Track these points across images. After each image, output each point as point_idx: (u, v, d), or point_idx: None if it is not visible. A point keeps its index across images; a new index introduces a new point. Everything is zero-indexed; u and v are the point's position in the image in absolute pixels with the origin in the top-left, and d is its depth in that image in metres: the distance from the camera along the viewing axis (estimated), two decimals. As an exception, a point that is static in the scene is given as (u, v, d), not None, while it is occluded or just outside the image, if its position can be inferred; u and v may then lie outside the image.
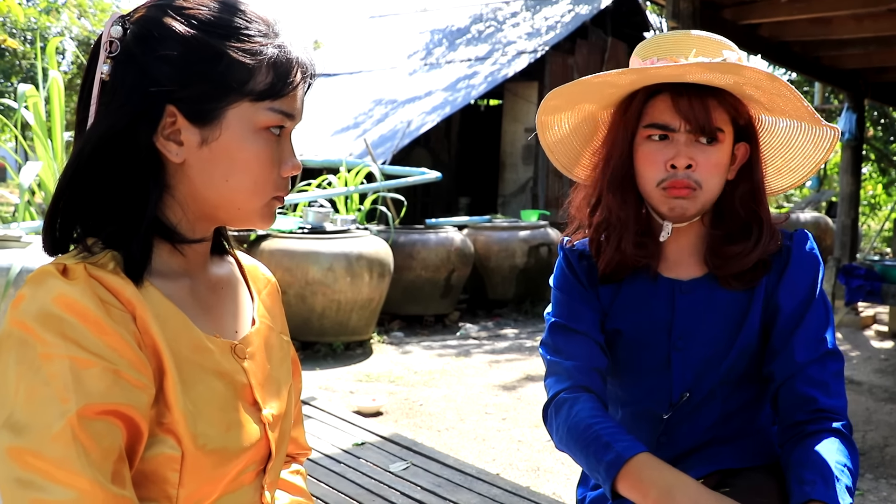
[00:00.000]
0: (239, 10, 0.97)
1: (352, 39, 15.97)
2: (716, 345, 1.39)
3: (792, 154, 1.45)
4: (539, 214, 9.01)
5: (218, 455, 0.95)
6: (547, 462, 3.71)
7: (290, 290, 5.66)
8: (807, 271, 1.38)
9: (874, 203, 17.33)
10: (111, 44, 0.93)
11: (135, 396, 0.86)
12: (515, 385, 5.24)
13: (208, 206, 0.99)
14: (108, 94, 0.94)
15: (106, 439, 0.83)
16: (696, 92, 1.30)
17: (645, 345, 1.42)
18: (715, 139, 1.32)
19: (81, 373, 0.83)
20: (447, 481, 2.88)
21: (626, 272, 1.45)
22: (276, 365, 1.10)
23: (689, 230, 1.42)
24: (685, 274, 1.43)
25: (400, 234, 6.99)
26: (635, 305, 1.44)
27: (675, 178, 1.32)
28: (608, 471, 1.20)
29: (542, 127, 1.49)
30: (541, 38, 12.35)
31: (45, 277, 0.87)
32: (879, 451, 3.88)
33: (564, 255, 1.50)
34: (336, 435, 3.41)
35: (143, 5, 0.98)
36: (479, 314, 7.94)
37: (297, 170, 1.02)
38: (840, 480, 1.18)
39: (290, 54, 0.97)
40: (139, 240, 0.94)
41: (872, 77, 8.79)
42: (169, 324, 0.94)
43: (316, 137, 11.53)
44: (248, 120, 0.96)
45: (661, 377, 1.41)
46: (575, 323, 1.42)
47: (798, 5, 5.73)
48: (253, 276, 1.17)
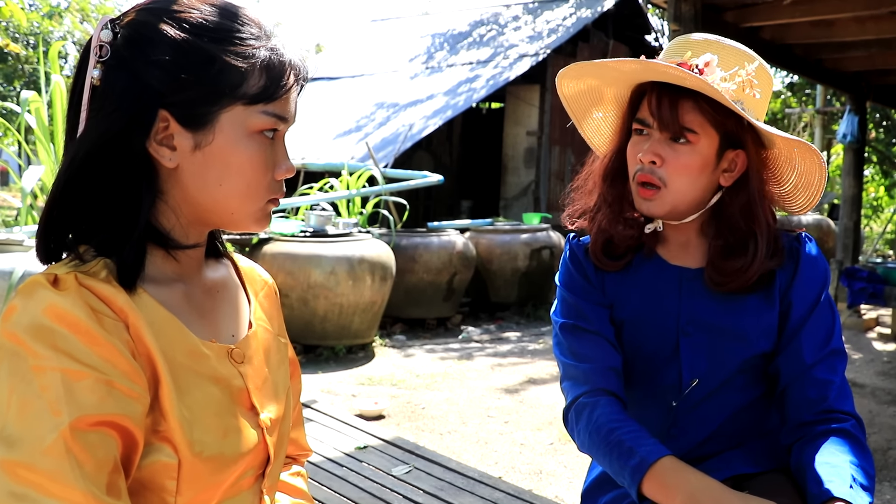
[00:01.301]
0: (230, 12, 0.96)
1: (353, 43, 15.99)
2: (728, 334, 1.39)
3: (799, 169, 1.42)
4: (541, 217, 9.01)
5: (215, 461, 0.94)
6: (549, 465, 3.71)
7: (292, 293, 5.66)
8: (817, 273, 1.39)
9: (876, 205, 17.32)
10: (101, 48, 0.92)
11: (129, 406, 0.86)
12: (518, 388, 5.23)
13: (202, 211, 0.98)
14: (98, 99, 0.92)
15: (100, 451, 0.83)
16: (672, 92, 1.32)
17: (653, 331, 1.43)
18: (683, 139, 1.33)
19: (73, 385, 0.82)
20: (449, 485, 2.88)
21: (626, 256, 1.46)
22: (273, 368, 1.09)
23: (687, 227, 1.43)
24: (692, 262, 1.44)
25: (402, 238, 6.99)
26: (642, 292, 1.45)
27: (642, 171, 1.36)
28: (633, 475, 1.23)
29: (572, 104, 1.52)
30: (542, 41, 12.35)
31: (36, 288, 0.87)
32: (882, 454, 3.87)
33: (570, 250, 1.51)
34: (338, 438, 3.40)
35: (132, 9, 0.97)
36: (481, 317, 7.93)
37: (291, 172, 1.01)
38: (857, 479, 1.19)
39: (282, 56, 0.97)
40: (132, 246, 0.93)
41: (875, 79, 8.79)
42: (163, 331, 0.93)
43: (318, 141, 11.53)
44: (242, 123, 0.95)
45: (670, 363, 1.41)
46: (585, 322, 1.43)
47: (800, 8, 5.73)
48: (249, 279, 1.16)
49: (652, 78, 1.35)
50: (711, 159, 1.35)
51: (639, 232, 1.44)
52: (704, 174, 1.35)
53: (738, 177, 1.38)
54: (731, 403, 1.41)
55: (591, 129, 1.55)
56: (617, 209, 1.45)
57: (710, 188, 1.38)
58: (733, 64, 1.34)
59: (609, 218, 1.45)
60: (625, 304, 1.45)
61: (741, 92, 1.33)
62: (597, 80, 1.47)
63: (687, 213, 1.40)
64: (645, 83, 1.38)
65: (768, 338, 1.40)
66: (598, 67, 1.39)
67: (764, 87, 1.36)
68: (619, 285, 1.46)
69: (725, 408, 1.41)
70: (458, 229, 7.85)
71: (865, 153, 11.19)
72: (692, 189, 1.35)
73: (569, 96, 1.50)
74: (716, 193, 1.40)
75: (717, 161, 1.36)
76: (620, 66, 1.36)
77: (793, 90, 15.52)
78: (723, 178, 1.38)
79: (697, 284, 1.41)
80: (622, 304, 1.45)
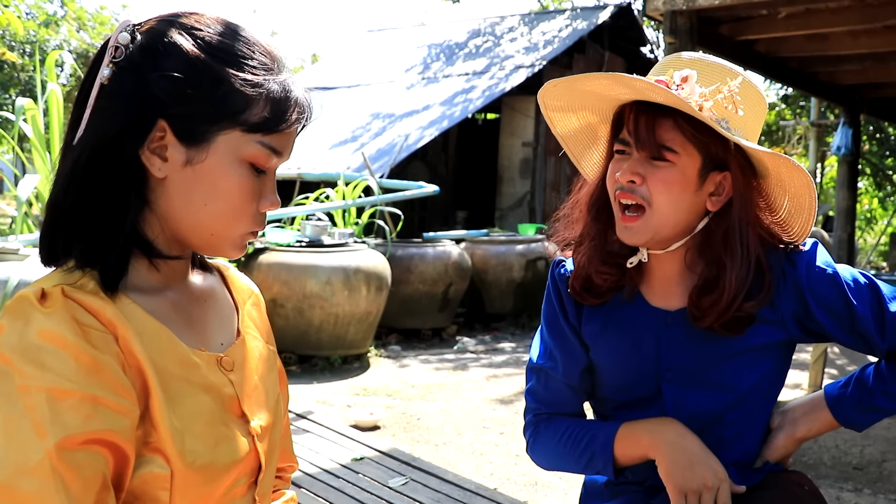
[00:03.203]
0: (247, 39, 0.97)
1: (350, 53, 16.02)
2: (710, 380, 1.37)
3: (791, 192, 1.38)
4: (536, 228, 9.03)
5: (207, 471, 0.94)
6: (545, 476, 3.70)
7: (287, 303, 5.65)
8: (824, 283, 1.34)
9: (870, 217, 17.40)
10: (116, 49, 0.93)
11: (116, 422, 0.85)
12: (513, 399, 5.22)
13: (183, 228, 0.98)
14: (104, 98, 0.93)
15: (88, 469, 0.82)
16: (651, 110, 1.28)
17: (634, 374, 1.41)
18: (662, 157, 1.28)
19: (59, 404, 0.82)
20: (446, 497, 2.87)
21: (605, 294, 1.42)
22: (263, 375, 1.09)
23: (672, 258, 1.38)
24: (675, 301, 1.39)
25: (397, 248, 6.98)
26: (621, 334, 1.42)
27: (622, 191, 1.31)
28: (604, 451, 1.39)
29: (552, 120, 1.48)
30: (538, 53, 12.40)
31: (23, 306, 0.87)
32: (877, 467, 3.88)
33: (553, 280, 1.50)
34: (334, 450, 3.39)
35: (154, 17, 0.98)
36: (476, 328, 7.93)
37: (276, 206, 1.01)
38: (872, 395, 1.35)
39: (289, 93, 0.97)
40: (116, 250, 0.94)
41: (868, 93, 8.85)
42: (153, 341, 0.93)
43: (314, 151, 11.54)
44: (236, 149, 0.95)
45: (654, 404, 1.40)
46: (553, 368, 1.48)
47: (794, 21, 5.78)
48: (236, 288, 1.16)
49: (622, 92, 1.31)
50: (693, 179, 1.29)
51: (619, 273, 1.40)
52: (687, 193, 1.30)
53: (726, 201, 1.33)
54: (726, 435, 1.39)
55: (590, 166, 1.51)
56: (600, 243, 1.40)
57: (696, 211, 1.33)
58: (715, 80, 1.29)
59: (589, 255, 1.41)
60: (603, 345, 1.43)
61: (723, 109, 1.28)
62: (579, 109, 1.43)
63: (672, 239, 1.34)
64: (626, 104, 1.34)
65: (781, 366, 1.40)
66: (568, 85, 1.35)
67: (751, 103, 1.31)
68: (597, 324, 1.44)
69: (720, 439, 1.38)
70: (453, 240, 7.86)
71: (859, 165, 11.25)
72: (676, 210, 1.30)
73: (564, 135, 1.47)
74: (703, 219, 1.34)
75: (701, 182, 1.30)
76: (586, 82, 1.32)
77: (787, 102, 15.59)
78: (710, 203, 1.33)
79: (678, 329, 1.37)
80: (600, 345, 1.44)
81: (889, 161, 15.68)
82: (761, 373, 1.37)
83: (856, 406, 1.37)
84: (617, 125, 1.36)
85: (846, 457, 3.97)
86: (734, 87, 1.28)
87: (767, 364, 1.37)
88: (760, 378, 1.37)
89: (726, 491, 1.29)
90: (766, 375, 1.38)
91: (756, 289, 1.32)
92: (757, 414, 1.40)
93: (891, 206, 16.57)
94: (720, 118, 1.28)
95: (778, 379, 1.41)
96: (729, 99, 1.27)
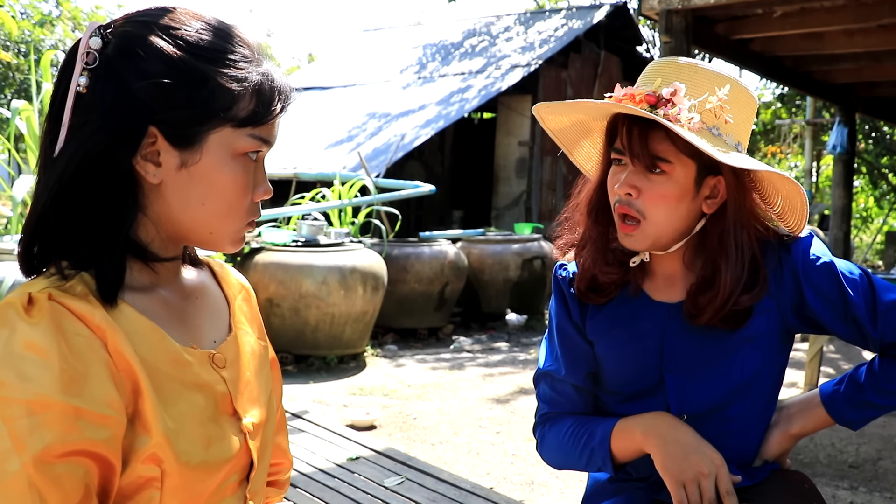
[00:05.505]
0: (225, 32, 0.96)
1: (346, 53, 16.01)
2: (712, 370, 1.39)
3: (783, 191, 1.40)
4: (532, 227, 9.03)
5: (200, 470, 0.94)
6: (541, 476, 3.70)
7: (283, 303, 5.65)
8: (819, 270, 1.35)
9: (866, 216, 17.44)
10: (88, 55, 0.91)
11: (99, 432, 0.84)
12: (509, 398, 5.23)
13: (181, 229, 0.98)
14: (84, 108, 0.90)
15: (68, 481, 0.81)
16: (643, 122, 1.30)
17: (638, 366, 1.43)
18: (657, 169, 1.30)
19: (39, 416, 0.81)
20: (442, 496, 2.87)
21: (610, 292, 1.45)
22: (255, 371, 1.09)
23: (672, 257, 1.42)
24: (677, 296, 1.42)
25: (394, 248, 6.98)
26: (625, 328, 1.44)
27: (620, 203, 1.34)
28: (602, 447, 1.40)
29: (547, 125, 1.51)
30: (534, 52, 12.41)
31: (9, 315, 0.85)
32: (873, 465, 3.88)
33: (556, 284, 1.52)
34: (330, 449, 3.39)
35: (121, 18, 0.96)
36: (472, 327, 7.92)
37: (269, 194, 1.01)
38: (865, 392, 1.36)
39: (273, 82, 0.97)
40: (113, 261, 0.92)
41: (863, 91, 8.87)
42: (145, 341, 0.92)
43: (310, 150, 11.53)
44: (229, 145, 0.95)
45: (657, 397, 1.42)
46: (558, 371, 1.50)
47: (790, 20, 5.78)
48: (226, 283, 1.15)
49: (615, 111, 1.34)
50: (689, 188, 1.32)
51: (623, 271, 1.43)
52: (683, 203, 1.33)
53: (721, 203, 1.35)
54: (728, 427, 1.40)
55: (583, 156, 1.54)
56: (602, 245, 1.43)
57: (693, 216, 1.35)
58: (703, 90, 1.30)
59: (593, 257, 1.44)
60: (608, 340, 1.46)
61: (713, 118, 1.30)
62: (576, 114, 1.47)
63: (671, 243, 1.37)
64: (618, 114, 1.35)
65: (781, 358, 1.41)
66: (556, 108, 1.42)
67: (738, 109, 1.34)
68: (602, 320, 1.46)
69: (722, 430, 1.39)
70: (449, 239, 7.86)
71: (855, 164, 11.27)
72: (672, 219, 1.33)
73: (555, 130, 1.49)
74: (700, 221, 1.37)
75: (697, 189, 1.33)
76: (574, 107, 1.40)
77: (783, 101, 15.62)
78: (705, 205, 1.35)
79: (681, 321, 1.40)
80: (605, 340, 1.46)
81: (884, 160, 15.72)
82: (760, 360, 1.39)
83: (849, 402, 1.39)
84: (611, 132, 1.38)
85: (842, 455, 3.98)
86: (722, 96, 1.30)
87: (766, 352, 1.39)
88: (759, 365, 1.39)
89: (725, 476, 1.29)
90: (764, 363, 1.39)
91: (751, 283, 1.35)
92: (760, 410, 1.42)
93: (886, 204, 16.62)
94: (711, 126, 1.31)
95: (778, 373, 1.43)
96: (718, 108, 1.31)
